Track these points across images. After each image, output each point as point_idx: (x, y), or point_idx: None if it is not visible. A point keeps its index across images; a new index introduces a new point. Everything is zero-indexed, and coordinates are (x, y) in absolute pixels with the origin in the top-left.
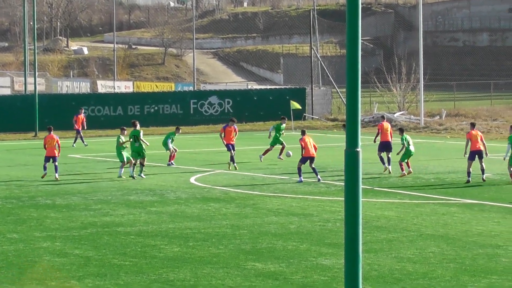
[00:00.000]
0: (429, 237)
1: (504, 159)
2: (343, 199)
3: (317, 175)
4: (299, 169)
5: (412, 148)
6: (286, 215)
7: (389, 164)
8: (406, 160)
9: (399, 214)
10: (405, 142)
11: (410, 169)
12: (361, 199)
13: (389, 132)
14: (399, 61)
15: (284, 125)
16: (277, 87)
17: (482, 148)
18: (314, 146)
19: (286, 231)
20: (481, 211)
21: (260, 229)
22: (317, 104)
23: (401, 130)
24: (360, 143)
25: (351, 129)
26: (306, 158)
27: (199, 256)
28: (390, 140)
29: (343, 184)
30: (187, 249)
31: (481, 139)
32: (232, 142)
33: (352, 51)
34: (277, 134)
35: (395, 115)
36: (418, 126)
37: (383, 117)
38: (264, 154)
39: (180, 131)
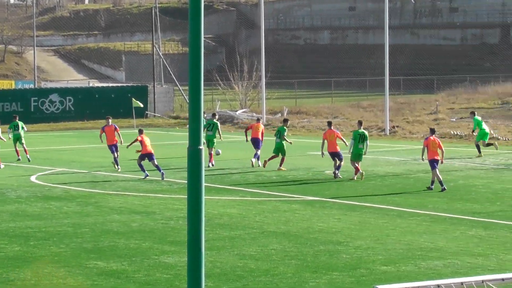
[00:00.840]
0: (271, 234)
1: (349, 152)
2: (186, 197)
3: (160, 170)
4: (140, 165)
5: (277, 140)
6: (129, 213)
7: (255, 157)
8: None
9: (241, 211)
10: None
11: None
12: (203, 197)
13: (260, 130)
14: (241, 59)
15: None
16: (119, 84)
17: (338, 148)
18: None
19: (129, 229)
20: (322, 208)
21: (102, 228)
22: (160, 102)
23: (285, 121)
24: (202, 141)
25: (193, 127)
26: (145, 155)
27: (40, 255)
28: (259, 137)
29: (186, 182)
30: (28, 248)
31: (339, 136)
32: (114, 143)
33: (194, 49)
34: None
35: (237, 112)
36: None
37: (258, 120)
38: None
39: None
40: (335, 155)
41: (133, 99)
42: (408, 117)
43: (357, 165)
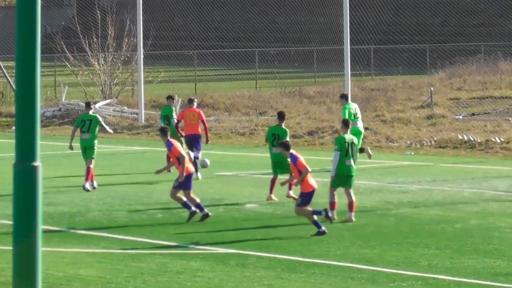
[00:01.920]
0: None
1: (333, 175)
2: (10, 247)
3: None
4: None
5: (275, 150)
6: None
7: (196, 171)
8: None
9: (104, 273)
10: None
11: None
12: (40, 248)
13: (196, 120)
14: (103, 15)
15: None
16: None
17: None
18: None
19: None
20: (242, 267)
21: None
22: None
23: (281, 117)
24: (39, 152)
25: (24, 131)
26: None
27: None
28: (198, 131)
29: (11, 222)
30: None
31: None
32: None
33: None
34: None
35: (98, 105)
36: (135, 125)
37: (191, 101)
38: None
39: None
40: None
41: None
42: (384, 113)
43: (347, 196)
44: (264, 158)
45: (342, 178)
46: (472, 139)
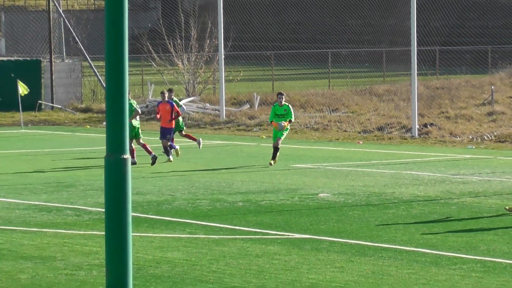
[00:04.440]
0: None
1: None
2: (103, 233)
3: None
4: None
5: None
6: (14, 259)
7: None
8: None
9: (189, 256)
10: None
11: None
12: (130, 233)
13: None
14: (186, 18)
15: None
16: None
17: None
18: None
19: (15, 285)
20: (316, 251)
21: None
22: (61, 86)
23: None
24: (127, 145)
25: (114, 125)
26: None
27: None
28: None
29: (103, 210)
30: None
31: None
32: None
33: (112, 2)
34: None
35: (182, 102)
36: (217, 121)
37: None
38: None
39: None
40: None
41: (19, 82)
42: (448, 109)
43: None
44: (336, 151)
45: None
46: None
